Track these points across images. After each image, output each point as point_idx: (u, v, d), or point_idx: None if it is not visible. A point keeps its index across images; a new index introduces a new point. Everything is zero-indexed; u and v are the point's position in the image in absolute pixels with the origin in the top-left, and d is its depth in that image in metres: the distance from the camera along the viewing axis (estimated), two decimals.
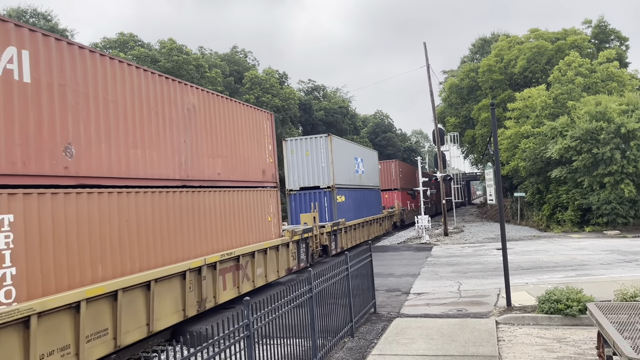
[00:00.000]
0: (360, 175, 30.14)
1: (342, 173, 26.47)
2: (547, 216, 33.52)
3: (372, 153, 36.11)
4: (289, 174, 25.44)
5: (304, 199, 25.19)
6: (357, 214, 28.57)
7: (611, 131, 28.59)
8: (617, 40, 45.27)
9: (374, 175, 35.11)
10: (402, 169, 46.05)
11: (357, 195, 28.90)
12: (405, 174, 47.10)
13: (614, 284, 12.83)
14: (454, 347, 9.05)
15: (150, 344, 10.86)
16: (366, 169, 31.80)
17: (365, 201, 30.68)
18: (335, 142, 25.96)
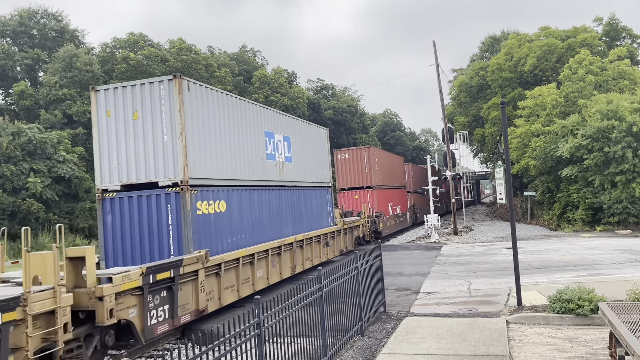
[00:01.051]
0: (279, 164, 17.74)
1: (221, 156, 14.08)
2: (558, 215, 33.29)
3: (313, 130, 21.95)
4: (101, 159, 13.17)
5: (130, 208, 12.75)
6: (268, 231, 16.30)
7: (623, 130, 28.33)
8: (629, 37, 44.86)
9: (318, 166, 22.15)
10: (382, 160, 35.07)
11: (270, 200, 16.68)
12: (389, 167, 36.89)
13: (626, 283, 12.73)
14: (465, 346, 9.02)
15: (161, 343, 10.93)
16: (299, 154, 19.53)
17: (292, 209, 18.41)
18: (196, 93, 13.18)
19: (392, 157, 40.28)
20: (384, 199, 33.79)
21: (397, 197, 38.34)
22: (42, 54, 48.34)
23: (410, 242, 31.50)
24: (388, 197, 35.12)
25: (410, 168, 45.15)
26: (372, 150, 33.04)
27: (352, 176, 32.14)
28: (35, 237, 32.94)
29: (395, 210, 37.36)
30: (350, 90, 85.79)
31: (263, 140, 16.58)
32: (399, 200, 38.70)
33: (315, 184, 21.22)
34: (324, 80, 78.23)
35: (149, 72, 46.32)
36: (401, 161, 42.66)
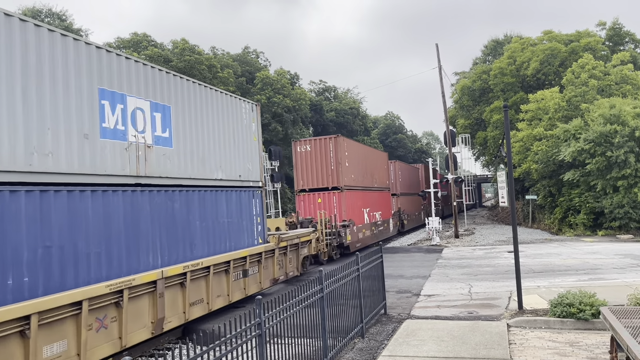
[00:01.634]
0: (139, 148, 10.48)
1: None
2: (559, 219, 33.26)
3: (227, 102, 14.32)
4: None
5: None
6: (97, 266, 9.16)
7: (625, 134, 28.31)
8: (632, 42, 44.84)
9: (237, 156, 14.71)
10: (355, 155, 27.63)
11: (106, 210, 9.47)
12: (366, 164, 29.59)
13: (627, 288, 12.71)
14: (465, 349, 9.01)
15: (161, 342, 10.94)
16: (193, 135, 12.48)
17: (171, 223, 11.29)
18: None
19: (370, 151, 32.02)
20: (357, 204, 26.97)
21: (377, 201, 31.18)
22: None
23: (411, 244, 31.47)
24: (363, 201, 28.04)
25: (397, 167, 38.61)
26: (341, 142, 25.37)
27: (315, 174, 25.14)
28: None
29: (374, 217, 29.98)
30: (353, 93, 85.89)
31: (93, 103, 9.41)
32: (379, 205, 31.61)
33: (229, 182, 13.98)
34: (326, 82, 78.34)
35: None
36: (384, 158, 34.83)
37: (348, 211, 25.21)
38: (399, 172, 39.97)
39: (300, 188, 25.45)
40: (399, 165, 40.60)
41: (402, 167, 41.53)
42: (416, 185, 46.87)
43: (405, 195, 41.17)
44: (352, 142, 28.31)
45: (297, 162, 25.63)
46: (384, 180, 33.95)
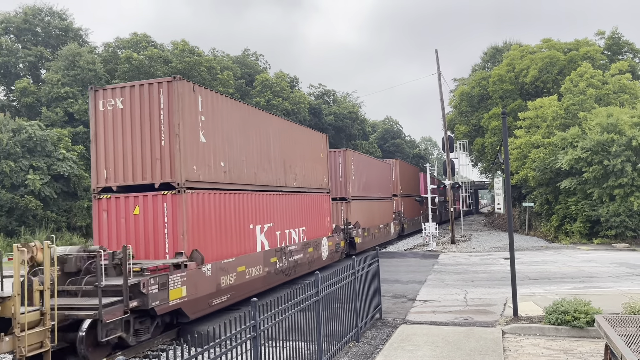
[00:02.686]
0: None
1: None
2: (556, 227, 33.31)
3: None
4: None
5: None
6: None
7: (622, 143, 28.41)
8: (631, 52, 45.03)
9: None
10: (228, 115, 14.46)
11: None
12: (268, 139, 17.34)
13: (622, 297, 12.74)
14: (460, 355, 9.01)
15: (155, 343, 10.91)
16: None
17: None
18: None
19: (286, 125, 19.03)
20: (241, 218, 14.59)
21: (303, 213, 19.68)
22: (46, 51, 48.42)
23: (407, 249, 31.47)
24: (266, 211, 16.20)
25: (347, 157, 26.28)
26: (349, 155, 25.39)
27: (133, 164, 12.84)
28: (33, 234, 32.83)
29: (295, 239, 18.58)
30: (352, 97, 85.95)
31: None
32: (305, 219, 19.77)
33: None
34: (325, 86, 78.44)
35: (151, 72, 46.41)
36: (321, 139, 22.59)
37: (198, 237, 12.58)
38: (347, 163, 28.58)
39: (101, 186, 13.26)
40: (350, 155, 28.64)
41: (358, 157, 29.70)
42: (372, 182, 40.51)
43: (360, 200, 29.37)
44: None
45: (98, 130, 13.56)
46: (319, 177, 22.99)
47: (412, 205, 43.64)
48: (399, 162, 40.45)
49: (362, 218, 28.08)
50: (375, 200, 31.71)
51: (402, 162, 41.39)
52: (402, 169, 40.72)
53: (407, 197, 41.96)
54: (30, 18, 49.22)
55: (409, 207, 42.98)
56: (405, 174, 42.40)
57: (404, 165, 42.14)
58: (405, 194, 41.34)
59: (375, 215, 31.45)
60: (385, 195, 34.78)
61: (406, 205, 41.51)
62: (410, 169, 47.27)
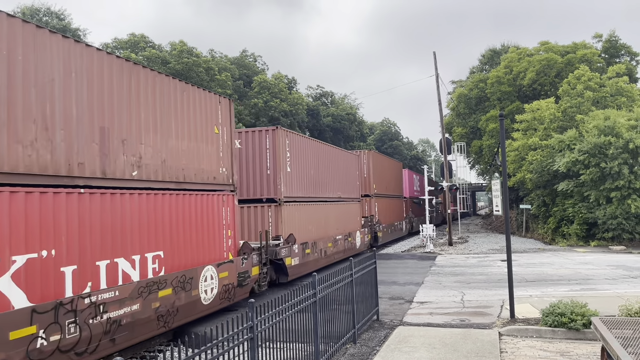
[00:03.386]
0: None
1: None
2: (553, 229, 33.37)
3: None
4: None
5: None
6: None
7: (619, 146, 28.49)
8: (628, 55, 45.15)
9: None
10: None
11: None
12: None
13: (618, 299, 12.76)
14: (456, 357, 9.02)
15: (152, 344, 10.89)
16: None
17: None
18: None
19: None
20: None
21: None
22: None
23: (404, 251, 31.48)
24: None
25: (277, 139, 18.37)
26: None
27: None
28: None
29: None
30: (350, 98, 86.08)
31: None
32: None
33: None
34: (323, 87, 78.50)
35: None
36: (213, 102, 14.78)
37: None
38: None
39: None
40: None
41: None
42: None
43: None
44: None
45: None
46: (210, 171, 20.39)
47: (391, 208, 36.55)
48: (372, 154, 32.67)
49: (303, 228, 20.03)
50: (332, 203, 23.85)
51: (376, 155, 34.28)
52: (377, 162, 33.57)
53: (385, 198, 34.85)
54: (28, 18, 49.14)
55: (387, 210, 35.31)
56: (381, 169, 34.41)
57: (379, 158, 34.84)
58: (381, 194, 33.84)
59: (330, 224, 23.29)
60: (350, 196, 26.99)
61: (382, 208, 33.87)
62: (389, 163, 38.57)
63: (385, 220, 34.44)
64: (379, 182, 33.31)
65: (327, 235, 22.55)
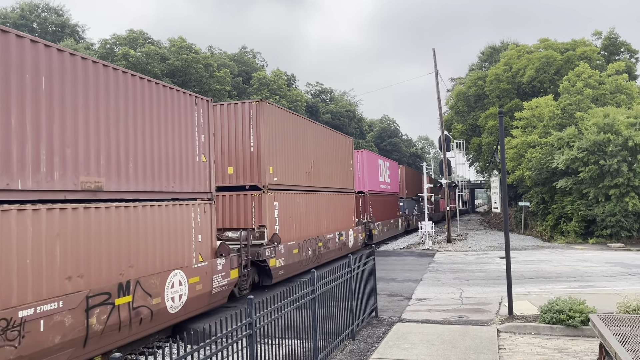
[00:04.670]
0: None
1: None
2: (551, 226, 33.42)
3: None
4: None
5: None
6: None
7: (618, 144, 28.51)
8: (627, 52, 45.13)
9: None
10: None
11: None
12: None
13: (616, 296, 12.79)
14: (455, 353, 9.04)
15: (151, 340, 10.90)
16: None
17: None
18: None
19: None
20: None
21: None
22: None
23: (403, 248, 31.52)
24: None
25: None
26: None
27: None
28: None
29: None
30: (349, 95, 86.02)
31: None
32: None
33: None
34: (322, 84, 78.45)
35: (148, 70, 46.27)
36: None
37: None
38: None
39: None
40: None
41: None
42: None
43: None
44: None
45: None
46: None
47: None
48: None
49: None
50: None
51: None
52: None
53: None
54: (27, 14, 49.06)
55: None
56: None
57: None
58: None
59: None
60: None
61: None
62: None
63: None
64: None
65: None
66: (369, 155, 31.78)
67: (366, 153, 31.18)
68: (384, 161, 36.90)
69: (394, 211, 38.18)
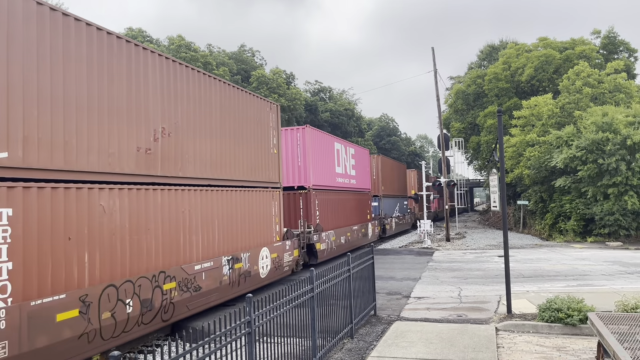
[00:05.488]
0: None
1: None
2: (550, 225, 33.46)
3: None
4: None
5: None
6: None
7: (617, 142, 28.53)
8: (626, 51, 45.17)
9: None
10: None
11: None
12: None
13: (615, 295, 12.81)
14: (453, 352, 9.05)
15: (150, 338, 10.91)
16: None
17: None
18: None
19: None
20: None
21: None
22: None
23: (402, 246, 31.54)
24: None
25: None
26: None
27: None
28: None
29: None
30: (348, 94, 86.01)
31: None
32: None
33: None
34: (321, 83, 78.41)
35: None
36: None
37: None
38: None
39: None
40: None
41: None
42: None
43: None
44: None
45: None
46: None
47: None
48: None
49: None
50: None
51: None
52: None
53: None
54: None
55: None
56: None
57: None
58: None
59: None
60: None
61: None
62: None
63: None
64: None
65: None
66: (315, 136, 22.68)
67: (310, 130, 21.99)
68: (345, 146, 27.32)
69: (360, 214, 29.06)
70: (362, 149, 31.47)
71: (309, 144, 21.60)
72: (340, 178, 25.91)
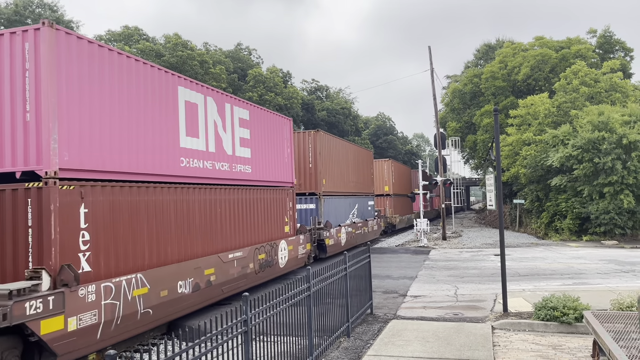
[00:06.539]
0: None
1: None
2: (546, 224, 33.55)
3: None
4: None
5: None
6: None
7: (613, 141, 28.62)
8: (622, 51, 45.31)
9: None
10: None
11: None
12: None
13: (610, 293, 12.85)
14: (450, 350, 9.07)
15: (146, 337, 10.89)
16: None
17: None
18: None
19: None
20: None
21: None
22: None
23: (399, 245, 31.58)
24: None
25: None
26: None
27: None
28: None
29: None
30: (345, 93, 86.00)
31: None
32: None
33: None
34: (318, 81, 78.39)
35: None
36: None
37: None
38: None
39: None
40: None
41: None
42: None
43: None
44: None
45: None
46: None
47: None
48: None
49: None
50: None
51: None
52: None
53: None
54: (21, 10, 48.71)
55: None
56: None
57: None
58: None
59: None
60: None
61: None
62: None
63: None
64: None
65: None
66: None
67: None
68: (221, 101, 14.23)
69: (258, 227, 16.67)
70: (270, 113, 18.19)
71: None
72: (197, 160, 12.73)
